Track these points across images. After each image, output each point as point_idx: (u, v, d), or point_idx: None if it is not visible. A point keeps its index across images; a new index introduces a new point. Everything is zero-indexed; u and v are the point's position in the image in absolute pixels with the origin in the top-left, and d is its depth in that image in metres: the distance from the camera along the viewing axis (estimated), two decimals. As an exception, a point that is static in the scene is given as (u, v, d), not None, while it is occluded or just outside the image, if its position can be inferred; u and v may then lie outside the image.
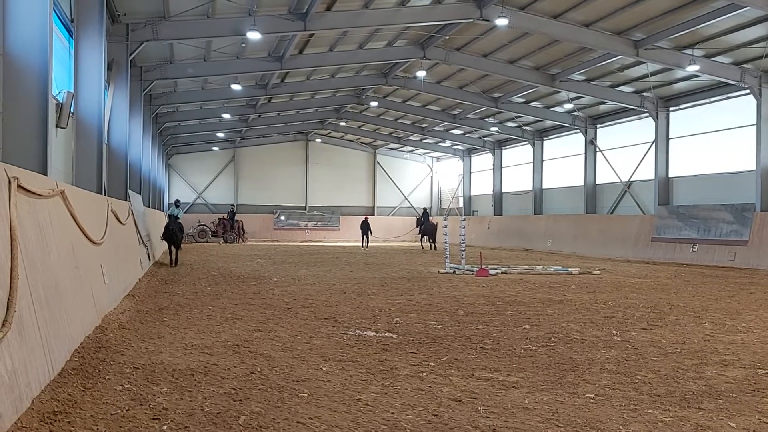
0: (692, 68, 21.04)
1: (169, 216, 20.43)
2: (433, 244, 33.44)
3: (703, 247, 22.79)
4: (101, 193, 13.68)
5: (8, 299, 4.39)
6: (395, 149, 48.26)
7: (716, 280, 16.42)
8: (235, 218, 40.53)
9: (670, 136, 26.80)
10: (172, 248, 19.49)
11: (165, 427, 4.41)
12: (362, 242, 35.22)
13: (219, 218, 40.43)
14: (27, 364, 4.64)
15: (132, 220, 14.77)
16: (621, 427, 4.60)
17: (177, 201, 22.76)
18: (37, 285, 5.32)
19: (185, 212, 29.62)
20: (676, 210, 24.75)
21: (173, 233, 19.21)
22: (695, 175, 25.58)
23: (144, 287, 12.86)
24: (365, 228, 35.24)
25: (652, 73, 23.72)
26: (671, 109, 26.79)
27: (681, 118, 26.48)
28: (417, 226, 36.17)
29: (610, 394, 5.46)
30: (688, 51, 20.89)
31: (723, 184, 24.13)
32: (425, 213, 35.21)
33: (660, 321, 9.50)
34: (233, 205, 42.98)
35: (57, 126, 12.18)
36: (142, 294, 11.74)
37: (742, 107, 23.35)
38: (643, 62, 22.08)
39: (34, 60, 9.15)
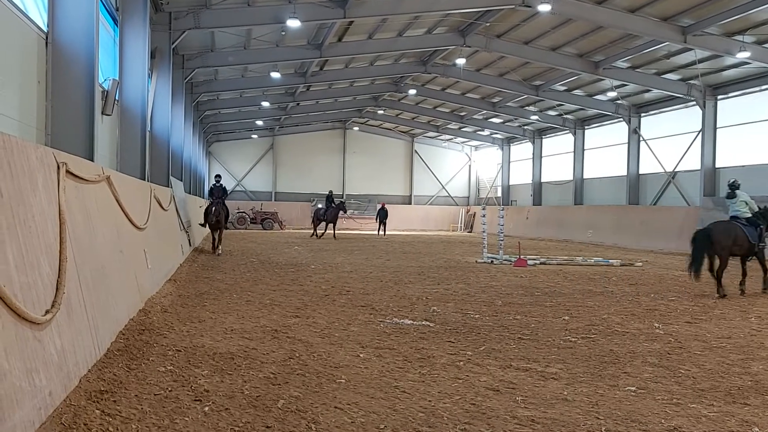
0: (742, 55, 20.38)
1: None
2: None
3: (750, 240, 22.03)
4: (144, 180, 13.98)
5: (57, 281, 4.53)
6: (433, 138, 47.99)
7: (764, 274, 15.87)
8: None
9: (717, 126, 25.97)
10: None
11: (206, 408, 4.50)
12: (378, 230, 34.70)
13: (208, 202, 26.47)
14: (75, 344, 4.78)
15: (174, 207, 15.04)
16: (663, 421, 4.51)
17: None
18: (85, 268, 5.46)
19: (227, 198, 24.68)
20: (722, 201, 23.93)
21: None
22: (743, 166, 24.73)
23: (185, 272, 13.11)
24: (383, 215, 34.63)
25: (700, 60, 22.96)
26: (719, 97, 25.94)
27: (729, 107, 25.61)
28: (315, 215, 30.59)
29: (652, 387, 5.36)
30: (738, 37, 20.18)
31: (773, 175, 23.29)
32: (330, 197, 29.74)
33: (704, 314, 9.27)
34: (218, 175, 22.66)
35: (103, 113, 12.46)
36: (183, 279, 11.98)
37: (795, 95, 22.52)
38: (691, 49, 21.40)
39: (81, 48, 9.39)
